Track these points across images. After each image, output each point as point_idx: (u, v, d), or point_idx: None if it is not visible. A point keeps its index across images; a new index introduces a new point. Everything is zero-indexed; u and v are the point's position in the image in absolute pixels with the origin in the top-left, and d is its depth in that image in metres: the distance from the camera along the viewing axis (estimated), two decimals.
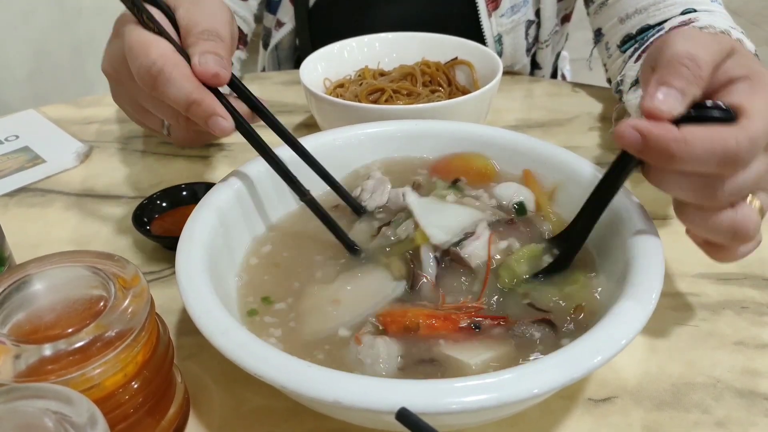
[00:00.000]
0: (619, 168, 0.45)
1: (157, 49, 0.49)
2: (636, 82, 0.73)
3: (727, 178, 0.40)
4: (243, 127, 0.51)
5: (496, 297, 0.48)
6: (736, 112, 0.40)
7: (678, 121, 0.40)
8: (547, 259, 0.51)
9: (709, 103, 0.41)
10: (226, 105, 0.50)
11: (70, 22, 1.84)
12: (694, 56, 0.41)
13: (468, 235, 0.50)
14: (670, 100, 0.40)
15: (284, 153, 0.54)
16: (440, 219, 0.52)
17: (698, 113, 0.41)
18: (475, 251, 0.49)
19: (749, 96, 0.41)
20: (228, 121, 0.49)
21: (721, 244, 0.45)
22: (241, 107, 0.53)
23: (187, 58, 0.50)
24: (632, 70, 0.75)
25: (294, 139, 0.55)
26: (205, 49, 0.50)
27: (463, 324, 0.45)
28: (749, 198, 0.43)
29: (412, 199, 0.54)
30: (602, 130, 0.84)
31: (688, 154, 0.39)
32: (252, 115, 0.54)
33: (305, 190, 0.53)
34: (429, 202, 0.54)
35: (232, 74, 0.52)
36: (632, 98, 0.73)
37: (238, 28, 0.97)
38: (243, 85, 0.53)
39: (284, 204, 0.58)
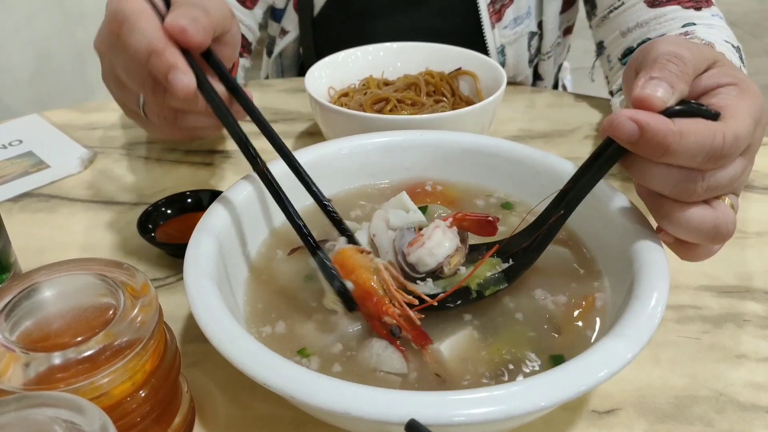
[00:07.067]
0: (603, 159, 0.44)
1: (130, 2, 0.47)
2: (621, 88, 0.74)
3: (707, 173, 0.41)
4: (204, 87, 0.48)
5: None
6: (720, 112, 0.41)
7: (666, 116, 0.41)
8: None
9: (693, 102, 0.42)
10: (192, 65, 0.47)
11: (72, 25, 1.85)
12: (680, 55, 0.42)
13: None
14: (662, 90, 0.41)
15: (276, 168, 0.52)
16: None
17: (686, 108, 0.41)
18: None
19: (735, 99, 0.42)
20: (188, 76, 0.46)
21: (694, 244, 0.45)
22: (219, 88, 0.49)
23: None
24: None
25: (279, 140, 0.52)
26: (182, 12, 0.47)
27: (386, 320, 0.45)
28: (724, 198, 0.44)
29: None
30: None
31: (682, 147, 0.40)
32: (230, 98, 0.50)
33: (260, 161, 0.50)
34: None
35: (213, 53, 0.49)
36: (617, 102, 0.74)
37: (243, 36, 0.97)
38: (222, 65, 0.50)
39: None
